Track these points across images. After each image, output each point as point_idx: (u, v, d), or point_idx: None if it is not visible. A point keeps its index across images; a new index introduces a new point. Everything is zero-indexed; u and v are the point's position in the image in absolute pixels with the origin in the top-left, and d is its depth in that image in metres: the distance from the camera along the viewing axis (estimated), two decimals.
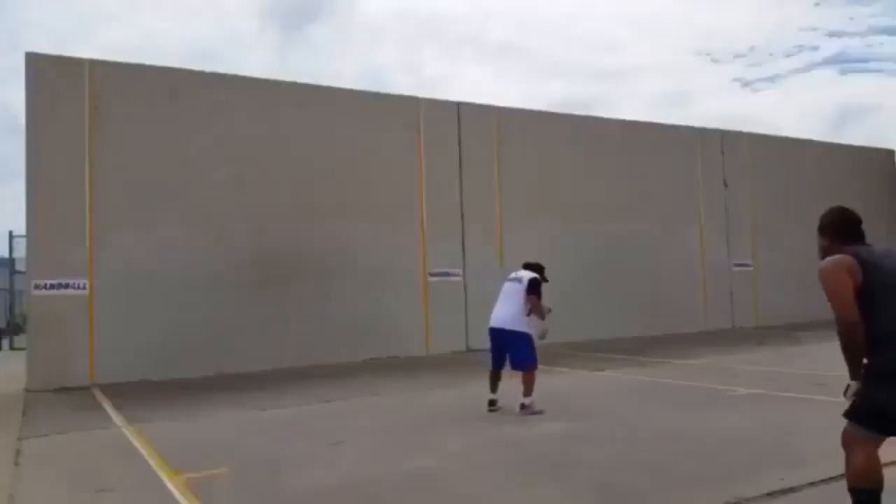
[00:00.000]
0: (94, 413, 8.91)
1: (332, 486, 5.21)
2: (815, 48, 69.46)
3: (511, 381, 7.83)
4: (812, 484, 4.81)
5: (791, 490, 4.71)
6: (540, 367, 7.85)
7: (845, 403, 3.63)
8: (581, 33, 73.48)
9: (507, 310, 7.77)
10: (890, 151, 23.17)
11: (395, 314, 13.86)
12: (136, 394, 10.34)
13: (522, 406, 7.56)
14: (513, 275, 8.19)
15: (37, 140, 11.51)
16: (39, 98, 11.61)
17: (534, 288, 7.75)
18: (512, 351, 7.64)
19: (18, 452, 6.68)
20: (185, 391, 10.48)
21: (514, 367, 7.68)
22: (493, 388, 7.80)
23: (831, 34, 68.11)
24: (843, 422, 3.65)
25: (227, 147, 12.96)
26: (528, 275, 7.95)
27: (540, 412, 7.49)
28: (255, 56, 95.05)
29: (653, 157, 17.92)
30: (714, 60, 73.10)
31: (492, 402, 7.74)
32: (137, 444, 6.86)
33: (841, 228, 3.64)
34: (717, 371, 10.79)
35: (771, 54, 68.89)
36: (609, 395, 9.13)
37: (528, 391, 7.59)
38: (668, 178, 18.11)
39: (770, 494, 4.62)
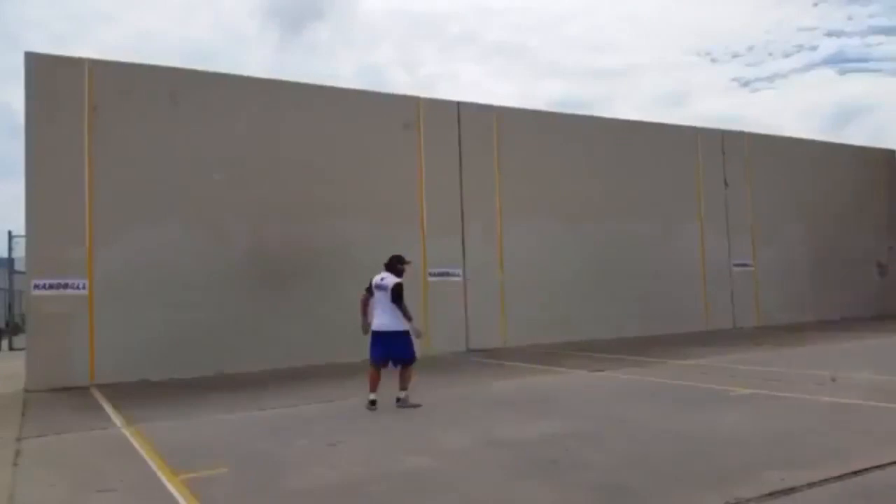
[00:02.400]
0: (94, 413, 8.90)
1: (332, 486, 5.21)
2: (814, 48, 69.48)
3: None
4: (812, 484, 4.80)
5: (791, 490, 4.70)
6: (540, 367, 7.88)
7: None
8: (580, 32, 73.48)
9: (385, 315, 8.38)
10: (890, 151, 23.15)
11: None
12: (136, 394, 10.34)
13: (399, 399, 8.32)
14: (377, 279, 8.62)
15: (36, 140, 11.50)
16: (39, 98, 11.59)
17: (395, 296, 8.32)
18: (395, 347, 8.31)
19: (18, 453, 6.67)
20: (184, 391, 10.47)
21: (398, 361, 8.38)
22: (374, 388, 8.35)
23: (830, 34, 68.11)
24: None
25: (226, 147, 12.96)
26: (391, 281, 8.45)
27: (416, 406, 8.24)
28: (255, 56, 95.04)
29: (653, 156, 17.92)
30: (713, 60, 73.11)
31: (372, 402, 8.25)
32: (137, 444, 6.85)
33: None
34: (717, 371, 10.78)
35: (770, 54, 68.89)
36: (609, 395, 9.13)
37: (404, 386, 8.38)
38: (668, 177, 18.10)
39: (770, 494, 4.62)
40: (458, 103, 15.53)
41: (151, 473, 5.74)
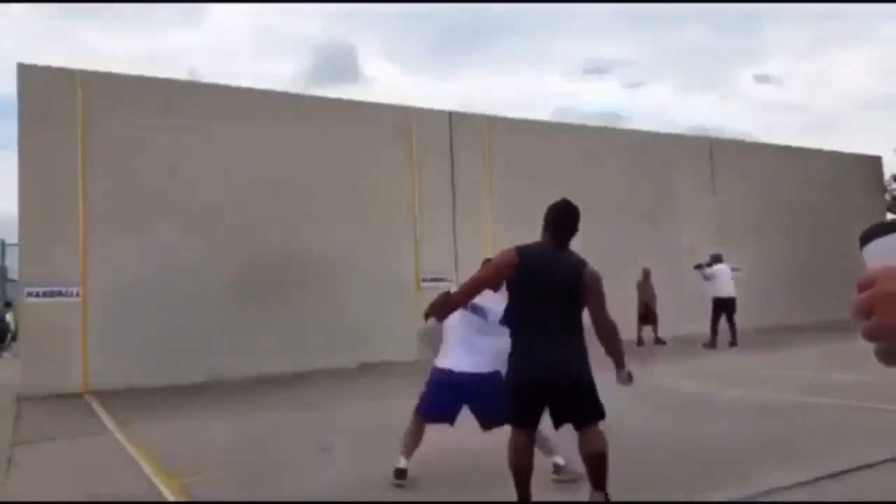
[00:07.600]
0: (88, 419, 8.86)
1: (329, 490, 5.21)
2: None
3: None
4: (804, 483, 4.85)
5: (788, 490, 4.74)
6: None
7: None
8: None
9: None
10: (877, 158, 23.42)
11: (388, 319, 13.85)
12: (130, 400, 10.29)
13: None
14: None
15: (29, 149, 11.50)
16: (31, 108, 11.61)
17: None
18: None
19: (10, 460, 6.63)
20: (178, 397, 10.43)
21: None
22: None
23: None
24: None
25: (219, 156, 12.96)
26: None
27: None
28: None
29: (644, 164, 18.00)
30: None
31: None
32: (131, 449, 6.82)
33: None
34: (712, 373, 10.85)
35: None
36: (606, 398, 9.13)
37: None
38: (658, 185, 18.19)
39: (766, 492, 4.66)
40: (450, 113, 15.61)
41: (146, 479, 5.72)
